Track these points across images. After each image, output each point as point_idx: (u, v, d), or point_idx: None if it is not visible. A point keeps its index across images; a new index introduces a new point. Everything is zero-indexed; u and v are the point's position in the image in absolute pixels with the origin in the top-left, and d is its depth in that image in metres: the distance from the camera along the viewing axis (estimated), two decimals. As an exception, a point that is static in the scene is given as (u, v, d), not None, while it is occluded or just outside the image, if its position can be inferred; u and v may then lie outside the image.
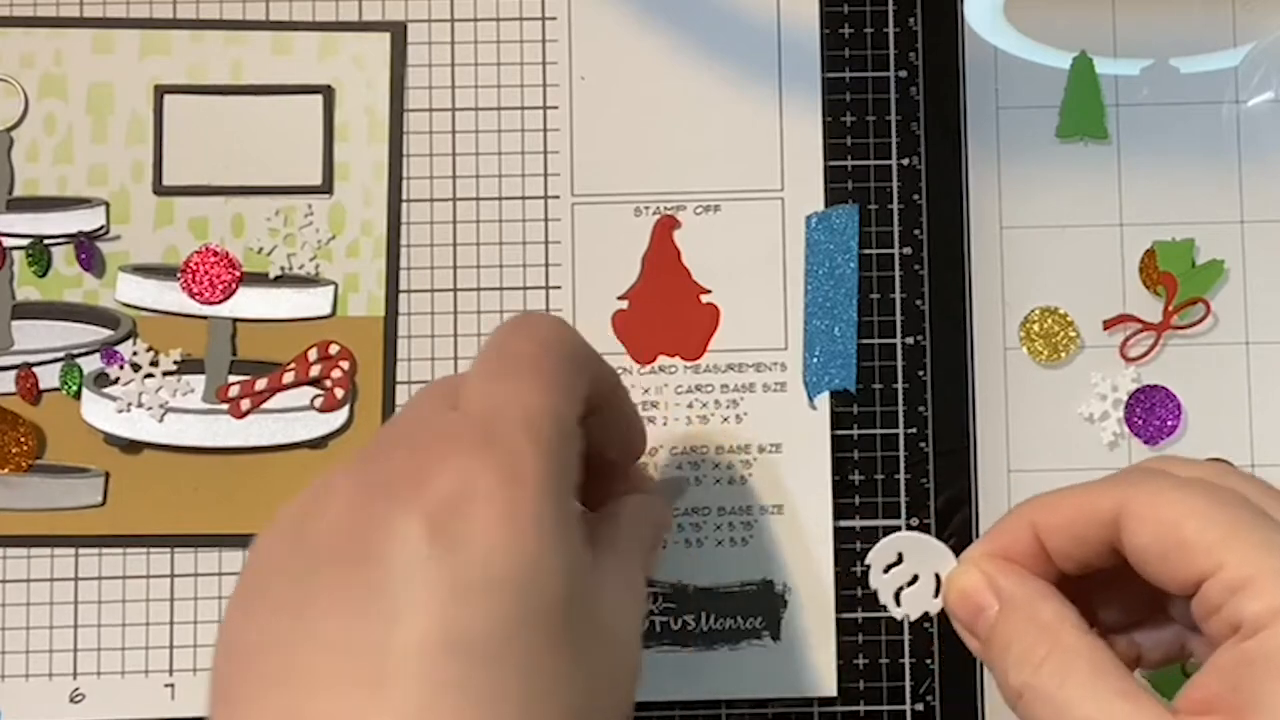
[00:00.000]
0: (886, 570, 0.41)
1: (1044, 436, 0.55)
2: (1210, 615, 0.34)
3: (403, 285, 0.55)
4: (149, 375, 0.54)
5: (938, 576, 0.40)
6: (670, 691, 0.53)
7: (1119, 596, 0.39)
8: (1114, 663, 0.34)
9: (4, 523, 0.54)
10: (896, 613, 0.41)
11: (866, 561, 0.41)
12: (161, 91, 0.55)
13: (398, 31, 0.55)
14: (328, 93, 0.55)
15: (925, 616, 0.41)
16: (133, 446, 0.54)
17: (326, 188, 0.55)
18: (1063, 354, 0.55)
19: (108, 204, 0.55)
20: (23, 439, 0.53)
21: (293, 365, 0.54)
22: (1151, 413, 0.55)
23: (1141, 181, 0.56)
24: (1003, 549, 0.38)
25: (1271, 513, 0.35)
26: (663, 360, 0.55)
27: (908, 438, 0.54)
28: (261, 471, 0.54)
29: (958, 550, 0.40)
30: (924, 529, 0.54)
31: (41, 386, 0.54)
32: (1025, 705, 0.35)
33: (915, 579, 0.41)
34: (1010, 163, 0.56)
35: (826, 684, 0.53)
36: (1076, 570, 0.38)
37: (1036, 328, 0.55)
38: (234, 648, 0.32)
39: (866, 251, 0.55)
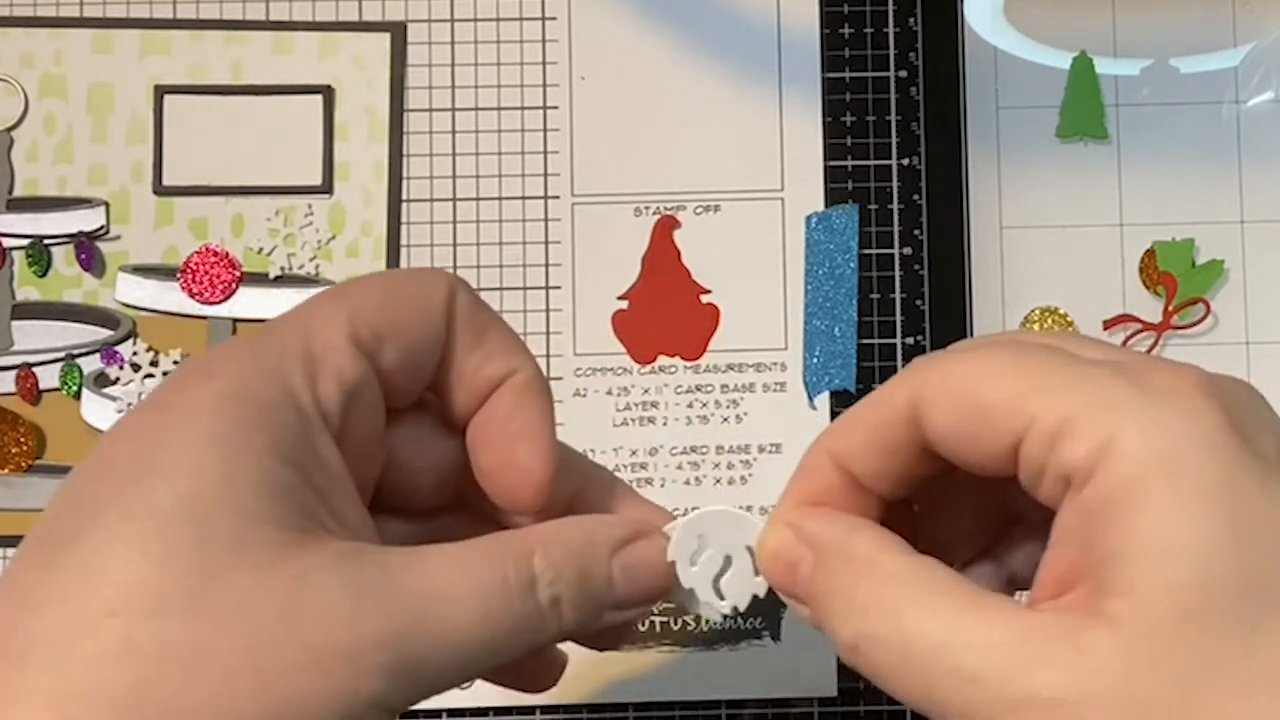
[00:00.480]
0: (694, 562, 0.34)
1: (1044, 436, 0.55)
2: (1038, 481, 0.29)
3: (403, 285, 0.55)
4: (149, 375, 0.54)
5: (751, 551, 0.34)
6: (670, 691, 0.53)
7: (965, 513, 0.34)
8: (951, 578, 0.29)
9: (4, 523, 0.54)
10: (722, 607, 0.34)
11: (669, 558, 0.34)
12: (161, 91, 0.55)
13: (398, 31, 0.55)
14: (328, 93, 0.55)
15: (756, 601, 0.34)
16: (133, 446, 0.54)
17: (326, 188, 0.55)
18: (1063, 354, 0.55)
19: (108, 204, 0.55)
20: (23, 439, 0.53)
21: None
22: (1151, 413, 0.54)
23: (1141, 181, 0.56)
24: (809, 495, 0.32)
25: (1085, 354, 0.30)
26: (663, 360, 0.55)
27: (908, 438, 0.54)
28: (261, 471, 0.54)
29: None
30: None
31: (41, 386, 0.54)
32: (864, 658, 0.29)
33: (728, 562, 0.34)
34: (1010, 163, 0.56)
35: (826, 684, 0.53)
36: (899, 491, 0.32)
37: (1036, 328, 0.55)
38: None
39: (866, 251, 0.55)
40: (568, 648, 0.50)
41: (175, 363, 0.54)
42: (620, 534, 0.33)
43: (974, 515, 0.34)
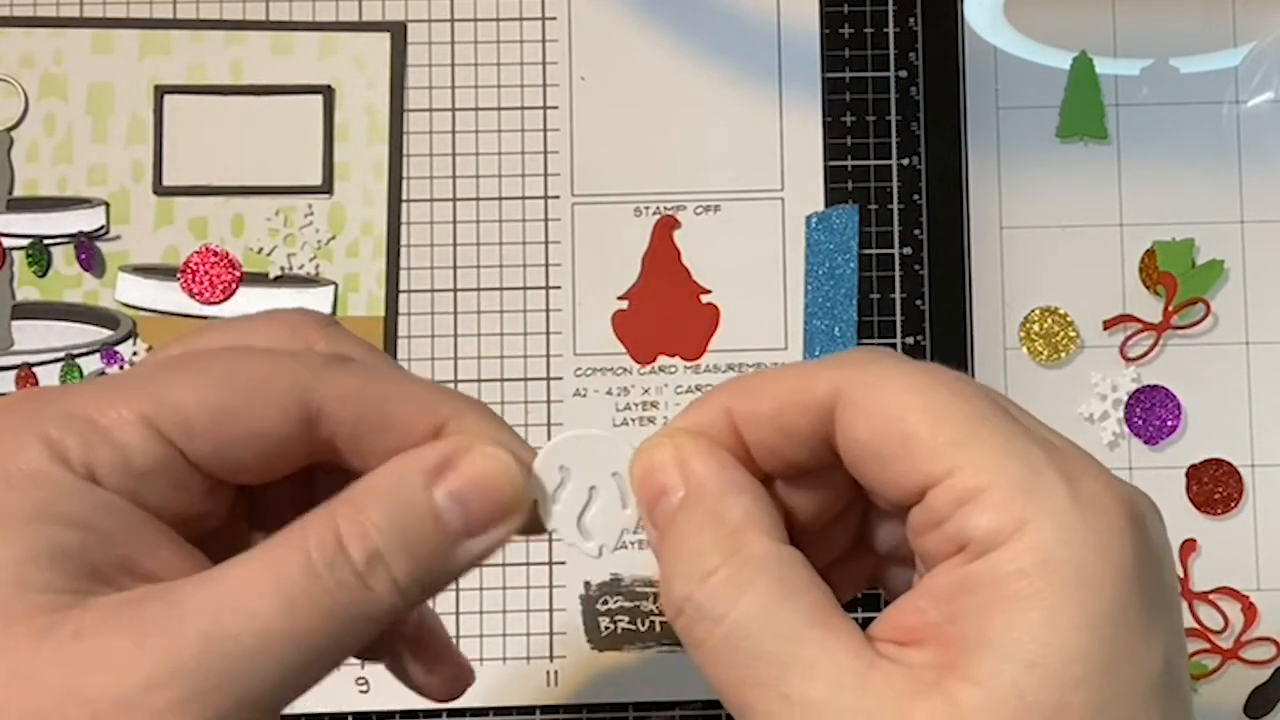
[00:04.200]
0: (555, 498, 0.30)
1: (1044, 436, 0.55)
2: (931, 529, 0.27)
3: (403, 285, 0.55)
4: (149, 375, 0.54)
5: (619, 479, 0.31)
6: (670, 691, 0.53)
7: (812, 505, 0.31)
8: (811, 581, 0.27)
9: (4, 523, 0.53)
10: (589, 548, 0.31)
11: (532, 496, 0.30)
12: (161, 91, 0.55)
13: (398, 31, 0.55)
14: (328, 93, 0.55)
15: (624, 539, 0.31)
16: (133, 446, 0.54)
17: (326, 188, 0.55)
18: (1063, 354, 0.55)
19: (108, 204, 0.55)
20: (23, 439, 0.53)
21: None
22: (1151, 413, 0.55)
23: (1141, 181, 0.56)
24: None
25: (1022, 420, 0.28)
26: (663, 360, 0.55)
27: (908, 438, 0.54)
28: (261, 471, 0.54)
29: None
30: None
31: (41, 386, 0.54)
32: (686, 624, 0.27)
33: (594, 494, 0.31)
34: (1010, 163, 0.56)
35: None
36: (780, 472, 0.30)
37: (1036, 328, 0.55)
38: None
39: (866, 251, 0.55)
40: (568, 646, 0.50)
41: (175, 363, 0.54)
42: (432, 459, 0.29)
43: (843, 509, 0.32)
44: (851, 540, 0.32)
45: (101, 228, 0.55)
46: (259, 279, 0.55)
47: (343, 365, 0.30)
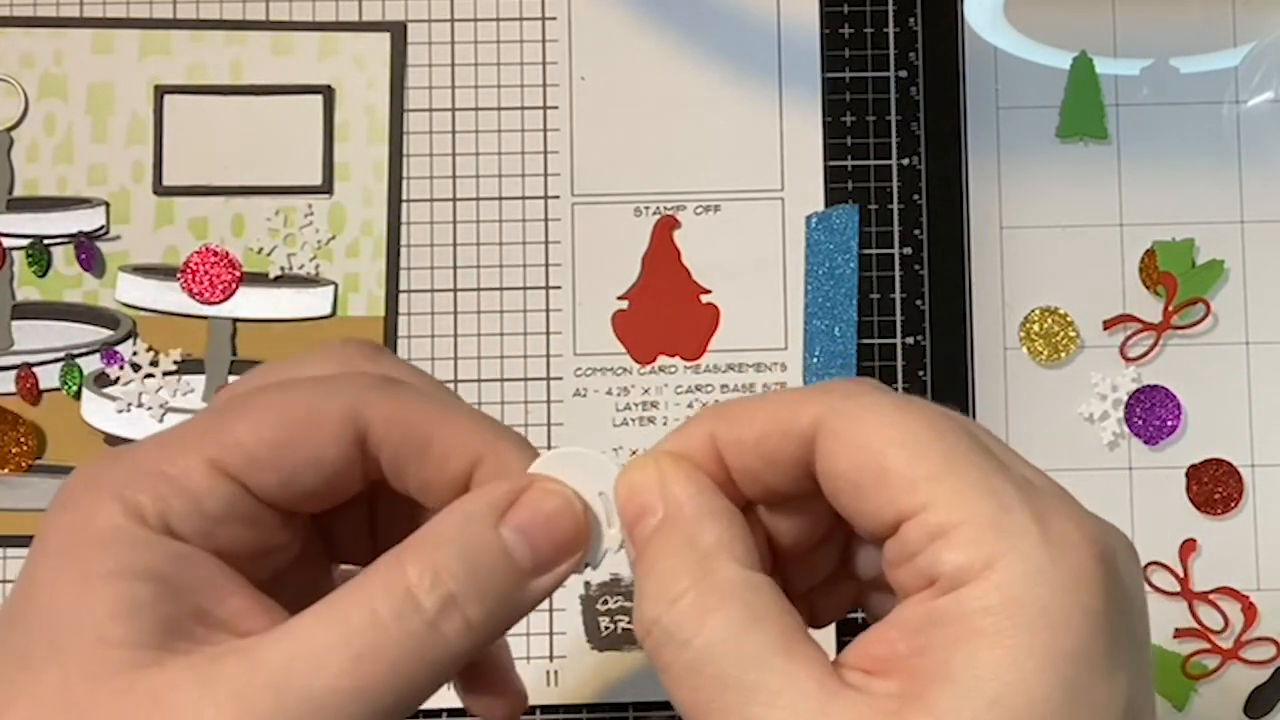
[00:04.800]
0: None
1: (1044, 436, 0.55)
2: (903, 562, 0.28)
3: (403, 285, 0.55)
4: (149, 375, 0.54)
5: (604, 497, 0.31)
6: (670, 691, 0.53)
7: (795, 531, 0.32)
8: (779, 608, 0.28)
9: (4, 523, 0.54)
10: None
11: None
12: (161, 91, 0.55)
13: (398, 31, 0.55)
14: (328, 93, 0.55)
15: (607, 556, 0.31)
16: (133, 446, 0.54)
17: (326, 188, 0.55)
18: (1063, 354, 0.55)
19: (108, 204, 0.55)
20: (23, 439, 0.53)
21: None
22: (1151, 413, 0.55)
23: (1141, 181, 0.56)
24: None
25: (1001, 456, 0.29)
26: (663, 360, 0.55)
27: (908, 438, 0.54)
28: (261, 471, 0.54)
29: None
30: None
31: (41, 386, 0.54)
32: (653, 645, 0.28)
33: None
34: (1010, 163, 0.56)
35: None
36: (763, 499, 0.30)
37: (1036, 328, 0.55)
38: None
39: (866, 251, 0.55)
40: (568, 646, 0.50)
41: (176, 363, 0.54)
42: (497, 498, 0.29)
43: (826, 534, 0.32)
44: (835, 565, 0.33)
45: (101, 228, 0.55)
46: (259, 279, 0.55)
47: (389, 387, 0.31)
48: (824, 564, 0.32)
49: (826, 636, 0.34)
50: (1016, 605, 0.26)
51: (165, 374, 0.54)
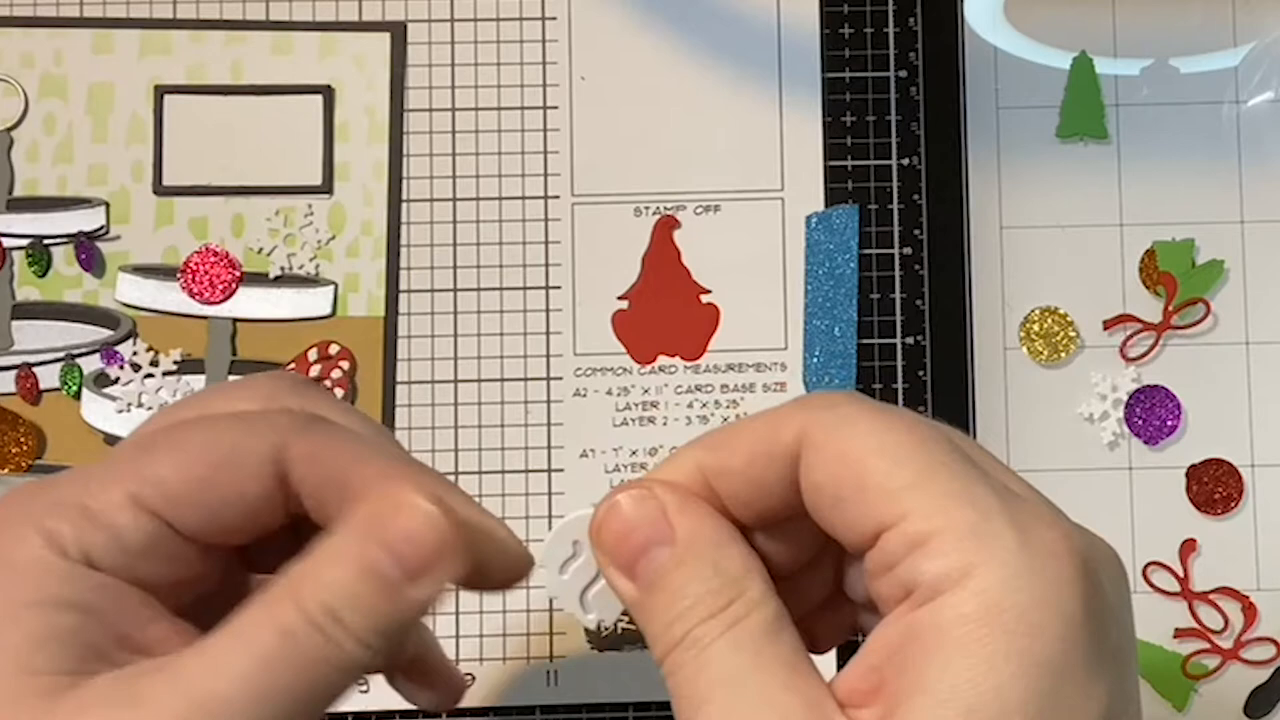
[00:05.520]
0: (563, 569, 0.32)
1: (1044, 436, 0.55)
2: (884, 573, 0.28)
3: (403, 285, 0.55)
4: (149, 375, 0.54)
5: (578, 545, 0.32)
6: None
7: (788, 554, 0.32)
8: (791, 632, 0.28)
9: (4, 523, 0.53)
10: (586, 620, 0.32)
11: (540, 562, 0.32)
12: (161, 91, 0.55)
13: (398, 31, 0.55)
14: (328, 93, 0.55)
15: (625, 617, 0.32)
16: (133, 446, 0.54)
17: (326, 188, 0.55)
18: (1063, 354, 0.55)
19: (108, 204, 0.55)
20: (23, 439, 0.53)
21: (293, 365, 0.54)
22: (1151, 413, 0.55)
23: (1141, 181, 0.56)
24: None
25: (986, 468, 0.29)
26: (663, 360, 0.55)
27: (908, 438, 0.54)
28: (261, 471, 0.54)
29: None
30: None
31: (41, 386, 0.54)
32: (679, 655, 0.28)
33: (600, 573, 0.32)
34: (1010, 163, 0.56)
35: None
36: (754, 522, 0.30)
37: (1036, 328, 0.55)
38: None
39: (866, 251, 0.55)
40: (568, 646, 0.50)
41: (176, 363, 0.54)
42: (365, 519, 0.30)
43: (816, 557, 0.32)
44: (830, 590, 0.32)
45: (101, 228, 0.55)
46: (259, 279, 0.55)
47: (312, 426, 0.31)
48: (819, 588, 0.32)
49: (828, 662, 0.34)
50: (994, 612, 0.26)
51: (165, 374, 0.54)
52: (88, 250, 0.54)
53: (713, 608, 0.28)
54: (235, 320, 0.54)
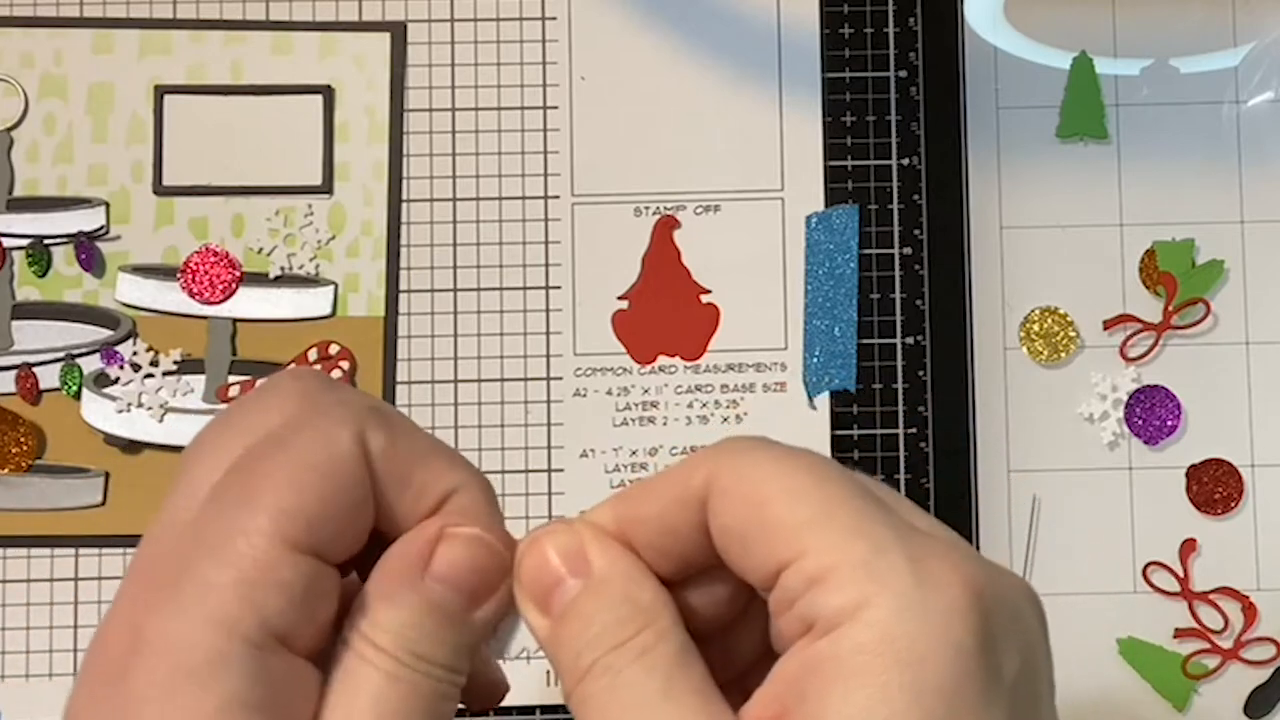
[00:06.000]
0: None
1: (1044, 436, 0.55)
2: (783, 611, 0.28)
3: (403, 285, 0.55)
4: (149, 375, 0.54)
5: None
6: (670, 691, 0.53)
7: (711, 608, 0.32)
8: (700, 664, 0.29)
9: (4, 523, 0.54)
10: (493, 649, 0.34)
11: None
12: (161, 91, 0.55)
13: (398, 31, 0.55)
14: (328, 93, 0.55)
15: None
16: (133, 446, 0.54)
17: (326, 188, 0.55)
18: (1063, 354, 0.55)
19: (108, 204, 0.55)
20: (23, 439, 0.53)
21: (293, 365, 0.54)
22: (1151, 413, 0.55)
23: (1141, 181, 0.56)
24: None
25: (888, 503, 0.29)
26: (663, 360, 0.55)
27: (908, 438, 0.54)
28: (261, 471, 0.54)
29: None
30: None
31: (41, 386, 0.54)
32: (589, 684, 0.29)
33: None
34: (1010, 163, 0.56)
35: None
36: (673, 572, 0.31)
37: (1036, 328, 0.55)
38: None
39: (866, 251, 0.55)
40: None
41: (176, 363, 0.54)
42: (413, 555, 0.30)
43: (741, 613, 0.32)
44: (760, 649, 0.32)
45: (101, 228, 0.55)
46: (259, 279, 0.55)
47: (381, 415, 0.31)
48: (748, 645, 0.32)
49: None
50: (887, 642, 0.26)
51: (165, 374, 0.54)
52: (88, 250, 0.54)
53: (621, 636, 0.29)
54: (235, 320, 0.54)
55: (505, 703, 0.53)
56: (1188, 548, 0.54)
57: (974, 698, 0.26)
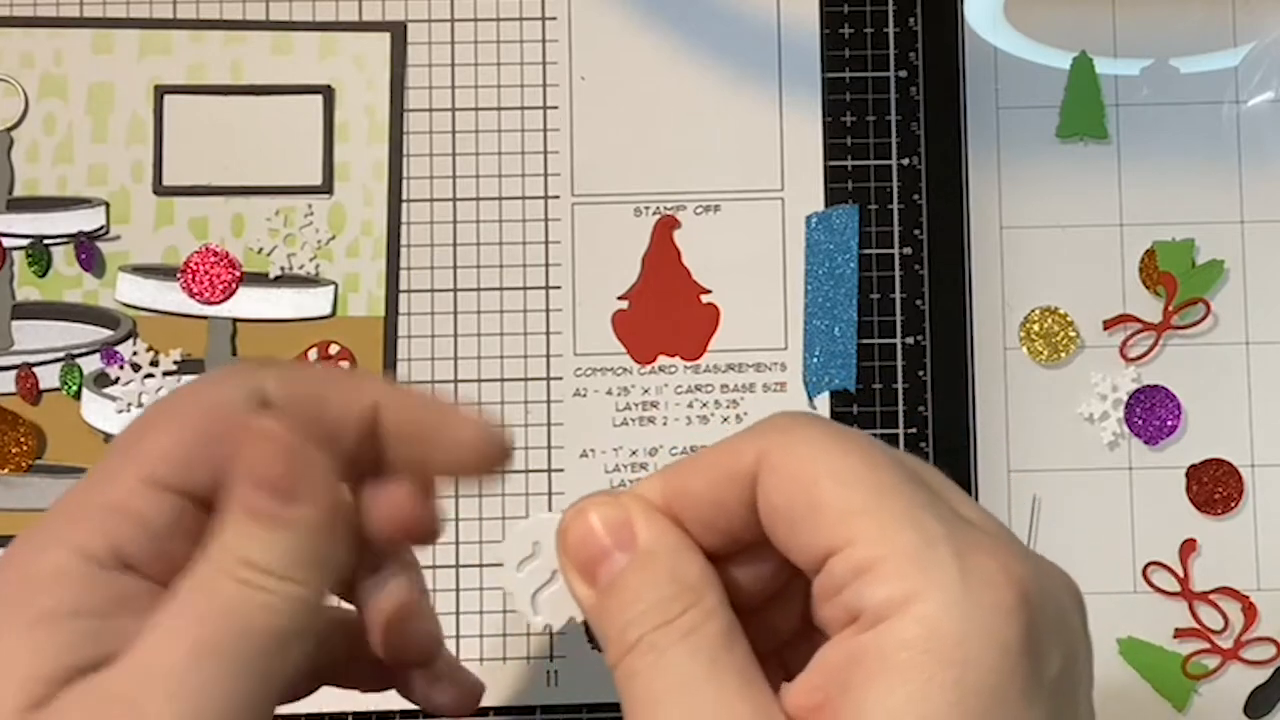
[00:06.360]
0: (521, 567, 0.32)
1: (1044, 436, 0.55)
2: (830, 597, 0.28)
3: (403, 285, 0.55)
4: (149, 375, 0.54)
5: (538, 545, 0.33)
6: (670, 691, 0.53)
7: (754, 583, 0.32)
8: (745, 644, 0.29)
9: (4, 523, 0.54)
10: (535, 622, 0.33)
11: (499, 558, 0.33)
12: (161, 91, 0.55)
13: (398, 31, 0.55)
14: (328, 93, 0.55)
15: (571, 624, 0.32)
16: (133, 446, 0.54)
17: (326, 188, 0.55)
18: (1063, 354, 0.55)
19: (108, 204, 0.55)
20: (23, 439, 0.53)
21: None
22: (1151, 413, 0.55)
23: (1141, 181, 0.56)
24: None
25: (939, 491, 0.29)
26: (663, 360, 0.55)
27: (908, 438, 0.54)
28: (261, 471, 0.54)
29: None
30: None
31: (41, 386, 0.54)
32: (635, 660, 0.29)
33: (555, 576, 0.32)
34: (1010, 163, 0.56)
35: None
36: (719, 547, 0.31)
37: (1036, 328, 0.55)
38: None
39: (866, 251, 0.55)
40: (568, 646, 0.50)
41: (176, 363, 0.54)
42: (239, 466, 0.31)
43: (784, 588, 0.32)
44: (799, 623, 0.33)
45: (101, 228, 0.55)
46: (259, 279, 0.55)
47: (283, 363, 0.35)
48: (788, 620, 0.33)
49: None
50: (932, 640, 0.26)
51: (165, 374, 0.54)
52: (88, 250, 0.54)
53: (667, 614, 0.29)
54: (235, 320, 0.54)
55: (505, 703, 0.53)
56: (1188, 548, 0.54)
57: (1016, 698, 0.26)
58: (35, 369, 0.54)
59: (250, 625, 0.29)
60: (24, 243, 0.54)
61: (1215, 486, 0.54)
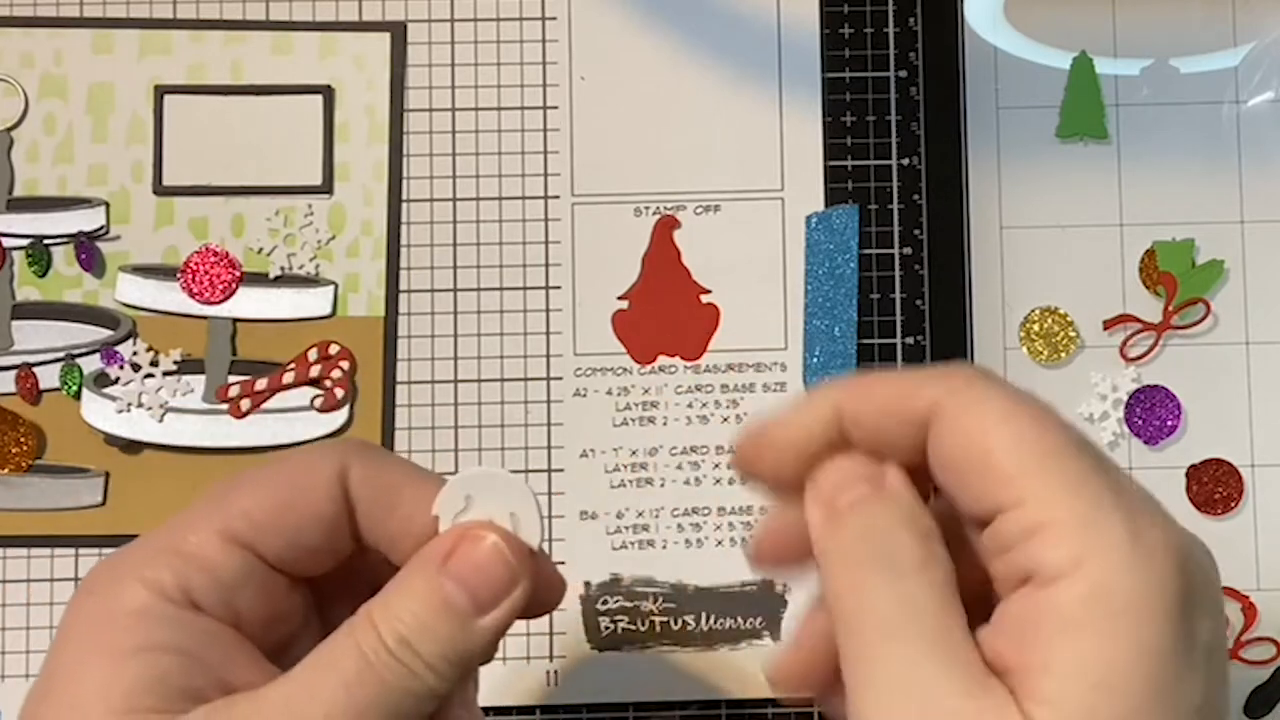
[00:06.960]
0: (456, 519, 0.34)
1: (1044, 436, 0.55)
2: (1000, 553, 0.29)
3: (403, 285, 0.55)
4: (149, 375, 0.54)
5: (515, 517, 0.34)
6: (670, 691, 0.53)
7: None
8: (958, 596, 0.30)
9: (4, 523, 0.54)
10: None
11: (434, 511, 0.34)
12: (161, 91, 0.55)
13: (398, 31, 0.55)
14: (328, 93, 0.55)
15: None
16: (133, 446, 0.54)
17: (326, 188, 0.55)
18: (1063, 354, 0.55)
19: (108, 204, 0.55)
20: (23, 439, 0.53)
21: (293, 365, 0.54)
22: (1151, 413, 0.55)
23: (1141, 181, 0.56)
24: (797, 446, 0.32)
25: (1100, 458, 0.30)
26: (663, 360, 0.55)
27: (908, 438, 0.54)
28: (261, 471, 0.54)
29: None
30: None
31: (41, 386, 0.54)
32: (867, 576, 0.30)
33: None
34: (1010, 163, 0.56)
35: (826, 684, 0.53)
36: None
37: (1036, 328, 0.55)
38: None
39: (866, 251, 0.55)
40: (568, 646, 0.50)
41: (176, 363, 0.54)
42: (439, 551, 0.33)
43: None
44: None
45: (101, 228, 0.55)
46: (259, 279, 0.55)
47: (368, 448, 0.35)
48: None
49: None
50: (1107, 599, 0.27)
51: (165, 374, 0.54)
52: (88, 250, 0.54)
53: (909, 545, 0.30)
54: (235, 320, 0.54)
55: (505, 703, 0.53)
56: (1188, 548, 0.54)
57: (1181, 660, 0.28)
58: (35, 369, 0.54)
59: (394, 704, 0.32)
60: (24, 243, 0.54)
61: (1215, 486, 0.54)
